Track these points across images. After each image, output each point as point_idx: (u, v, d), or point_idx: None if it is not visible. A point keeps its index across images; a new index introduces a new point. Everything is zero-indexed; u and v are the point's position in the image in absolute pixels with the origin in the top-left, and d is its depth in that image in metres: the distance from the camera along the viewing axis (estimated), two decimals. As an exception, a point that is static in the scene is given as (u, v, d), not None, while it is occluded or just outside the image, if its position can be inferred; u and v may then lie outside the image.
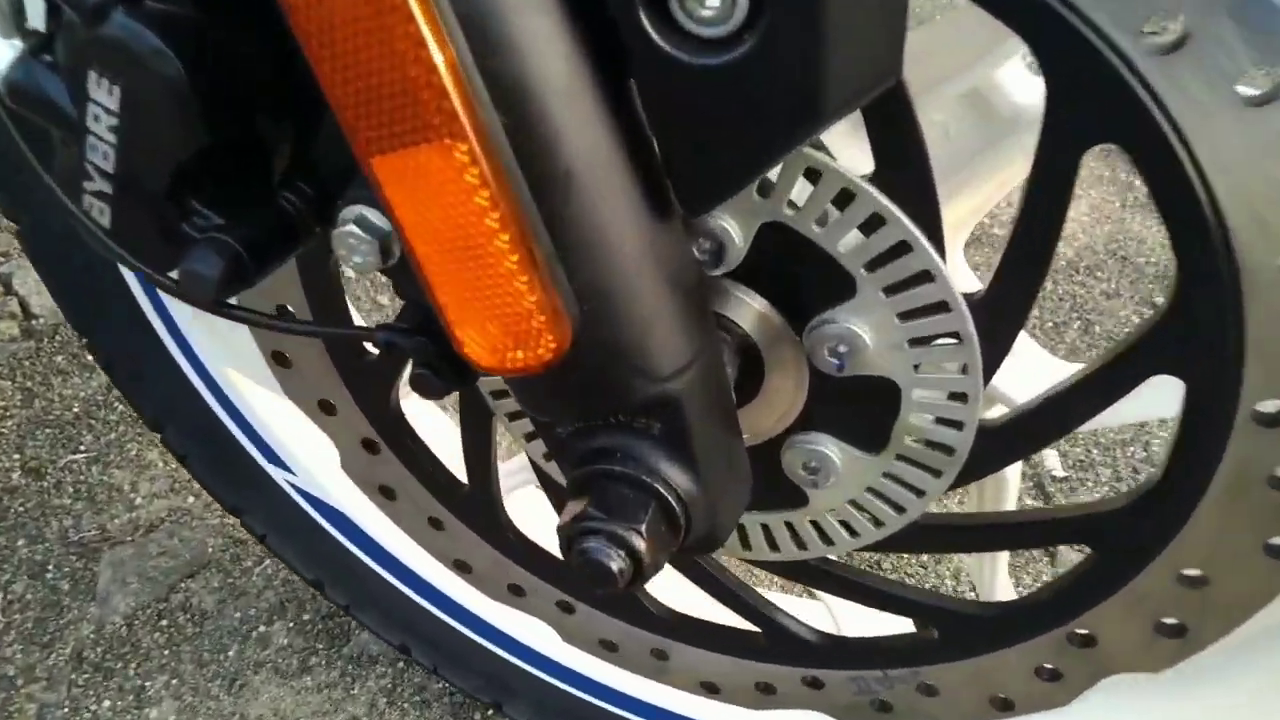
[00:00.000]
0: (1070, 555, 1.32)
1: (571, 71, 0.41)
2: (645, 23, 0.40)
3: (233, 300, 0.61)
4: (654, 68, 0.41)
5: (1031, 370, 0.69)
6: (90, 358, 1.61)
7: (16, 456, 1.43)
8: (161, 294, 0.88)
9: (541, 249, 0.42)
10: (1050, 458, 1.44)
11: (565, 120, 0.41)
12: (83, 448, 1.46)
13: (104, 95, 0.51)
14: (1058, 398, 0.58)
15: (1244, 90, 0.43)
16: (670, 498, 0.50)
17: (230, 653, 1.22)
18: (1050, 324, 1.67)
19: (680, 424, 0.50)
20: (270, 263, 0.57)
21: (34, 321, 1.65)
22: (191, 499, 1.39)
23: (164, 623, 1.25)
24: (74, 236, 0.87)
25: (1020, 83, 0.64)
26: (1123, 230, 1.88)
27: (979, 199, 0.67)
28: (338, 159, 0.57)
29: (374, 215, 0.51)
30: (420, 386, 0.59)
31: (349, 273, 1.51)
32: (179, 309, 0.88)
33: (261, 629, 1.25)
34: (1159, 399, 0.57)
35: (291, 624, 1.25)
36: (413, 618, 1.01)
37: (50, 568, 1.30)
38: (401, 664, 1.20)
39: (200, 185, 0.55)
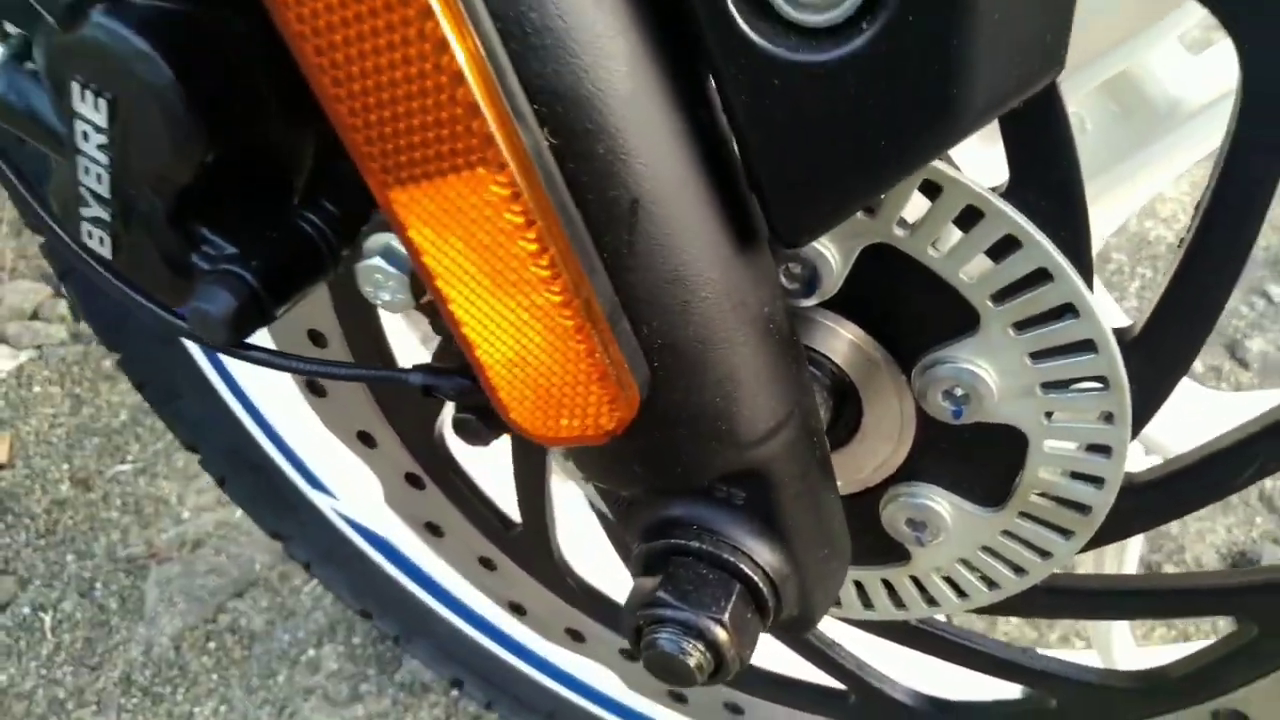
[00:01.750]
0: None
1: (636, 74, 0.32)
2: (733, 9, 0.31)
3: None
4: (743, 66, 0.32)
5: (1191, 410, 0.58)
6: (140, 362, 1.57)
7: (65, 466, 1.40)
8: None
9: (601, 299, 0.33)
10: None
11: (629, 136, 0.32)
12: (130, 458, 1.42)
13: (89, 109, 0.43)
14: (1238, 444, 0.47)
15: None
16: (757, 578, 0.42)
17: (279, 678, 1.17)
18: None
19: (769, 493, 0.41)
20: (291, 295, 0.50)
21: (83, 324, 1.61)
22: (238, 513, 1.34)
23: (212, 645, 1.20)
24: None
25: (1178, 67, 0.53)
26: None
27: (1119, 209, 0.56)
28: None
29: (398, 247, 0.43)
30: (465, 432, 0.52)
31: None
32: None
33: (311, 653, 1.19)
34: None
35: (341, 647, 1.19)
36: (466, 651, 0.95)
37: (98, 585, 1.26)
38: (456, 692, 1.14)
39: (208, 208, 0.48)
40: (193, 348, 0.84)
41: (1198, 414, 0.56)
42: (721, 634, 0.41)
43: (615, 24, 0.31)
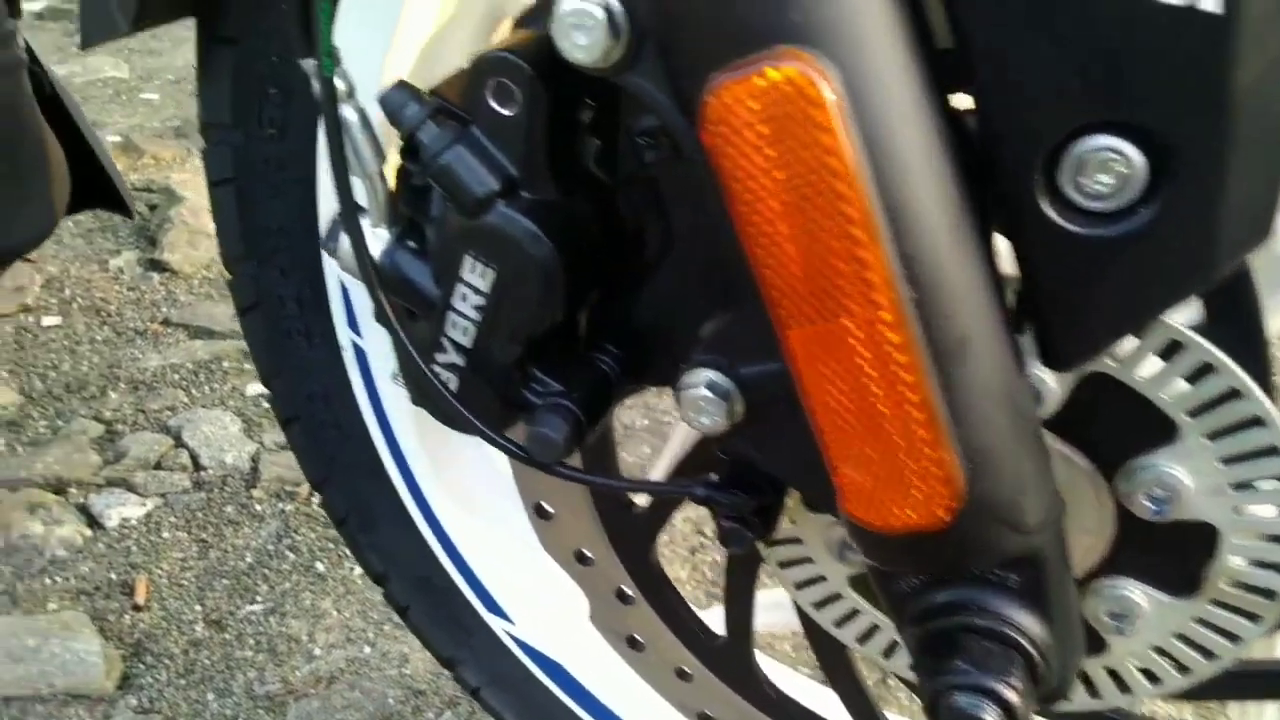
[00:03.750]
0: None
1: (967, 247, 0.44)
2: (1039, 199, 0.43)
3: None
4: (1040, 236, 0.44)
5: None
6: (258, 507, 1.66)
7: (199, 608, 1.47)
8: (403, 448, 0.92)
9: (943, 413, 0.44)
10: None
11: (963, 291, 0.44)
12: (259, 598, 1.49)
13: (476, 278, 0.55)
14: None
15: None
16: (1034, 651, 0.50)
17: (421, 809, 1.21)
18: None
19: (1041, 575, 0.51)
20: (599, 421, 0.60)
21: (203, 473, 1.71)
22: (368, 649, 1.41)
23: (353, 778, 1.25)
24: (322, 396, 0.92)
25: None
26: None
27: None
28: (657, 321, 0.61)
29: (720, 378, 0.54)
30: (730, 538, 0.61)
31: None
32: (419, 464, 0.91)
33: (450, 783, 1.23)
34: None
35: (479, 778, 1.23)
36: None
37: (239, 722, 1.31)
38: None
39: (541, 354, 0.59)
40: (397, 481, 0.94)
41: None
42: (1013, 696, 0.49)
43: (958, 214, 0.43)
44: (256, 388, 1.91)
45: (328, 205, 0.78)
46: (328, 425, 0.91)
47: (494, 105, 0.51)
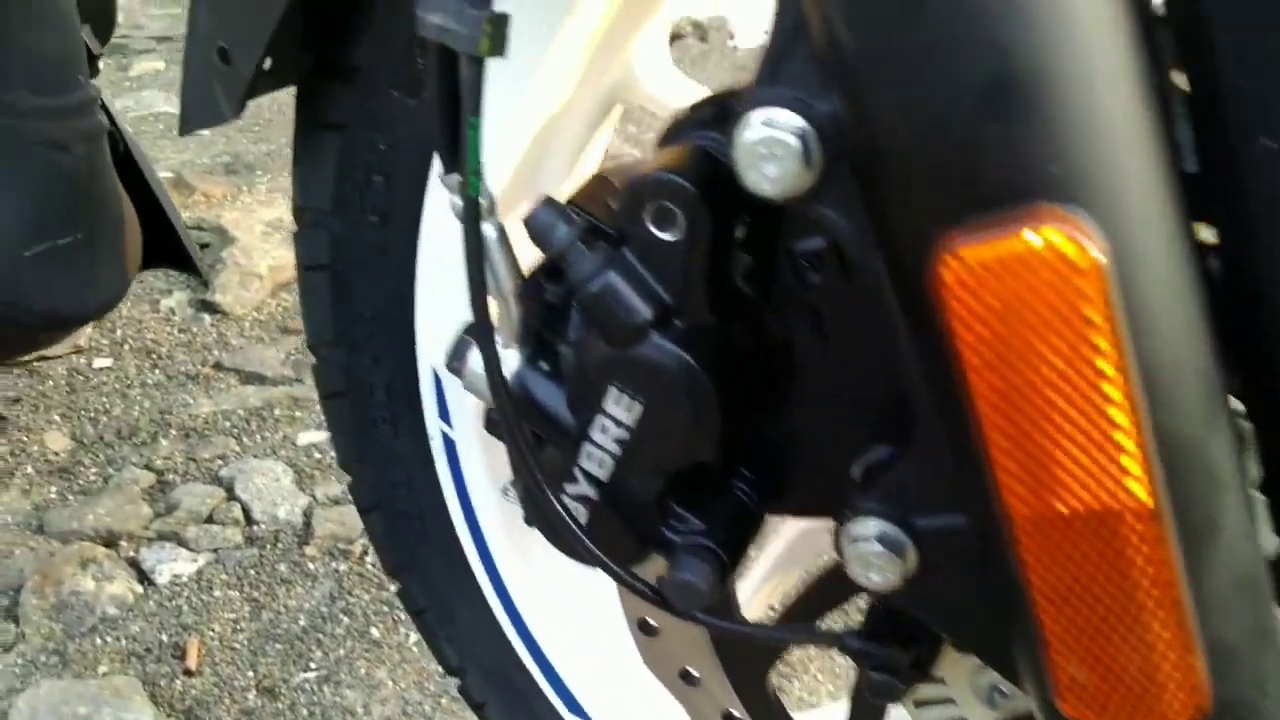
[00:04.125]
0: None
1: (1220, 417, 0.38)
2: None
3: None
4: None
5: None
6: (311, 566, 1.62)
7: (251, 674, 1.42)
8: (490, 544, 0.87)
9: (1191, 609, 0.38)
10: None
11: (1215, 468, 0.38)
12: (313, 664, 1.44)
13: (620, 410, 0.50)
14: None
15: None
16: None
17: None
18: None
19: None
20: (741, 558, 0.55)
21: (255, 527, 1.67)
22: (424, 723, 1.35)
23: None
24: (405, 485, 0.87)
25: None
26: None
27: None
28: (802, 446, 0.55)
29: (893, 531, 0.49)
30: (879, 690, 0.56)
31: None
32: (507, 562, 0.86)
33: None
34: None
35: None
36: None
37: (292, 800, 1.26)
38: None
39: (683, 489, 0.54)
40: (480, 577, 0.89)
41: None
42: None
43: (1213, 373, 0.38)
44: (308, 436, 1.88)
45: (427, 293, 0.73)
46: (410, 516, 0.87)
47: (653, 229, 0.46)
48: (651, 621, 0.76)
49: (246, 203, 2.60)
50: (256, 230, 2.37)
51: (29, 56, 0.77)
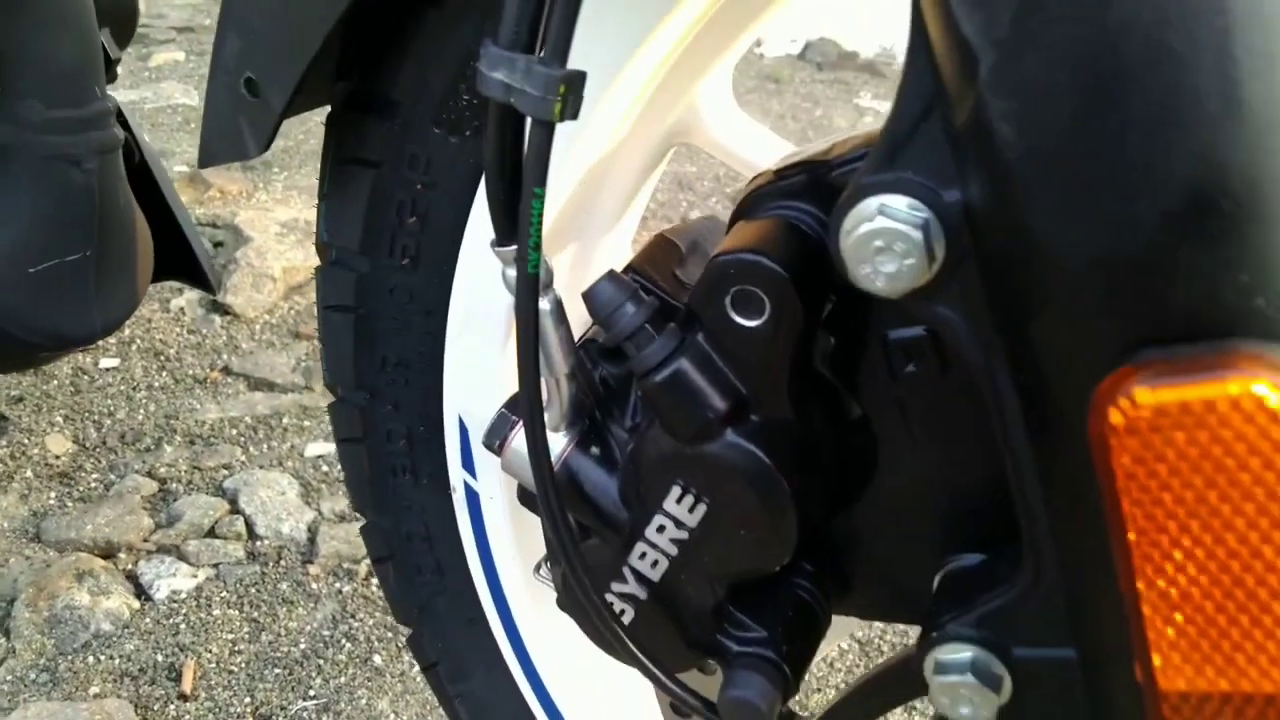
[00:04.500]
0: None
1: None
2: None
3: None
4: None
5: None
6: (314, 585, 1.56)
7: (248, 700, 1.37)
8: (510, 602, 0.81)
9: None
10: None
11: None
12: (312, 692, 1.39)
13: (682, 510, 0.45)
14: None
15: None
16: None
17: None
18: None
19: None
20: (805, 668, 0.49)
21: (258, 543, 1.62)
22: (426, 763, 1.30)
23: None
24: (423, 538, 0.82)
25: None
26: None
27: None
28: (872, 545, 0.50)
29: (989, 660, 0.43)
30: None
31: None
32: (528, 621, 0.81)
33: None
34: None
35: None
36: None
37: (285, 840, 1.21)
38: None
39: (745, 594, 0.48)
40: (499, 635, 0.83)
41: None
42: None
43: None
44: (316, 448, 1.82)
45: (456, 340, 0.68)
46: (426, 569, 0.81)
47: (733, 314, 0.40)
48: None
49: (262, 200, 2.56)
50: (271, 230, 2.32)
51: (44, 65, 0.72)
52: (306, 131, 3.02)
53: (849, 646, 1.42)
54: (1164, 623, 0.31)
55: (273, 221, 2.34)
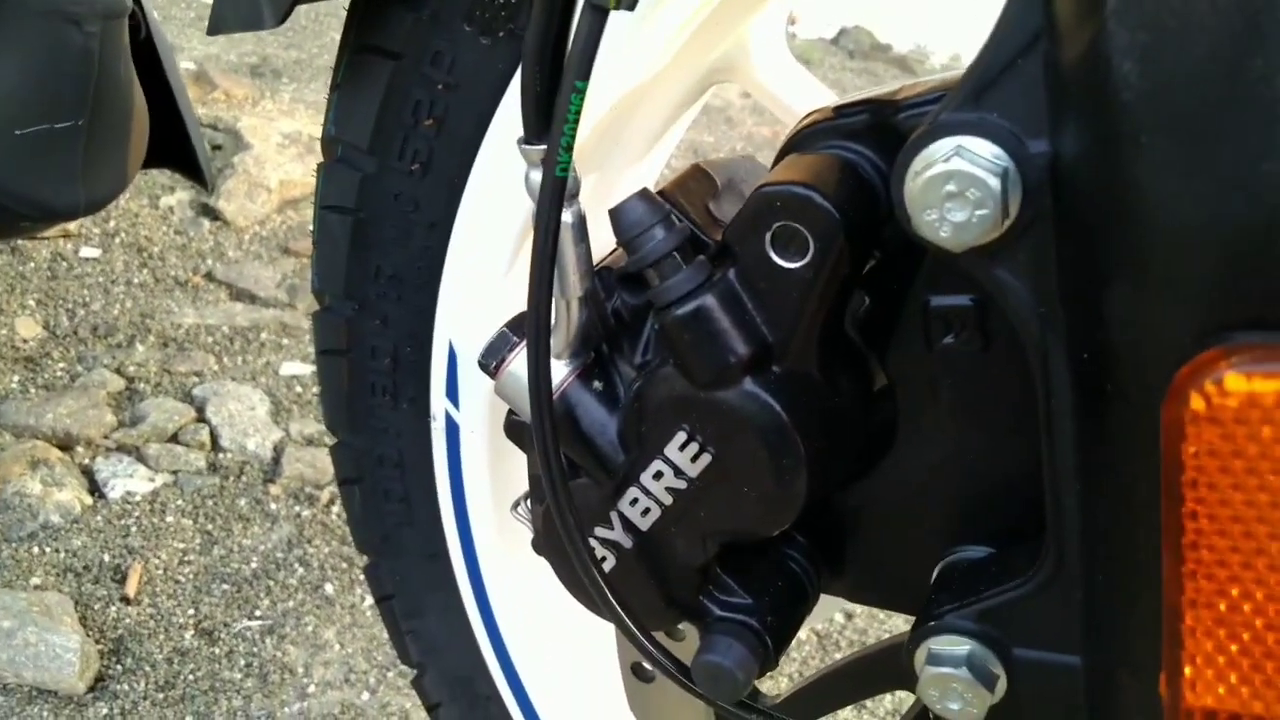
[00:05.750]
0: None
1: None
2: None
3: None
4: None
5: None
6: (273, 506, 1.53)
7: (191, 612, 1.34)
8: (476, 541, 0.78)
9: None
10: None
11: None
12: (258, 613, 1.35)
13: (684, 458, 0.41)
14: None
15: None
16: None
17: None
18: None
19: None
20: (788, 642, 0.47)
21: (221, 455, 1.58)
22: (366, 695, 1.27)
23: None
24: (394, 464, 0.79)
25: None
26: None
27: None
28: (873, 523, 0.47)
29: (988, 656, 0.40)
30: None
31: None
32: (492, 563, 0.78)
33: None
34: None
35: None
36: None
37: (214, 756, 1.18)
38: None
39: (735, 556, 0.45)
40: (459, 573, 0.80)
41: None
42: None
43: None
44: (292, 367, 1.78)
45: (458, 260, 0.64)
46: (394, 497, 0.78)
47: (771, 252, 0.37)
48: (648, 668, 0.68)
49: (267, 109, 2.49)
50: (273, 140, 2.26)
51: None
52: (321, 46, 2.95)
53: (806, 637, 1.40)
54: (1205, 635, 0.28)
55: (275, 131, 2.28)
